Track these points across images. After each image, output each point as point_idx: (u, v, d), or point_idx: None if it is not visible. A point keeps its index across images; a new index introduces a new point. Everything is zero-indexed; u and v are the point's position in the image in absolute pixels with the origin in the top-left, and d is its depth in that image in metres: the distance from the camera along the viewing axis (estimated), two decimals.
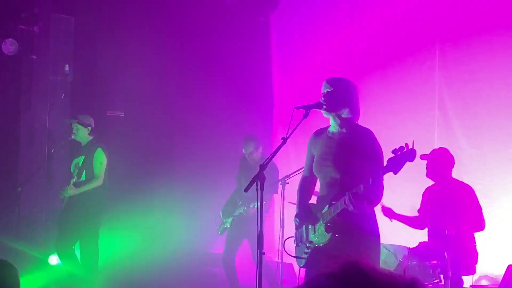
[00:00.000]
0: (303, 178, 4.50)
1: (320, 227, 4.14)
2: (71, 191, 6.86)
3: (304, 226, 4.31)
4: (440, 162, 5.81)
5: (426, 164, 5.86)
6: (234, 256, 7.23)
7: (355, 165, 4.07)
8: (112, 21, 8.86)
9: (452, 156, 5.84)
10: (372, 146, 4.13)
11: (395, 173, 3.76)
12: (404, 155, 3.70)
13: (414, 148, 3.69)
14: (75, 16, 8.53)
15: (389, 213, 5.94)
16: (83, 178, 6.96)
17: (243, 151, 7.33)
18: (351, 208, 3.90)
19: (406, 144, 3.71)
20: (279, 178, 6.92)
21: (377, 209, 4.24)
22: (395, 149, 3.73)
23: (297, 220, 4.35)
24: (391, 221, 5.94)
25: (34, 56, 8.17)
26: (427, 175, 5.87)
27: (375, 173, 3.83)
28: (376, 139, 4.16)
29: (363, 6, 8.18)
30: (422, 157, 5.84)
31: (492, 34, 6.77)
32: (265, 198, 6.61)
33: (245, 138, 7.35)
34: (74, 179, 6.88)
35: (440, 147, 6.04)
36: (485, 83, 6.82)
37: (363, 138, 4.15)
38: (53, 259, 7.75)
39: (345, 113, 4.20)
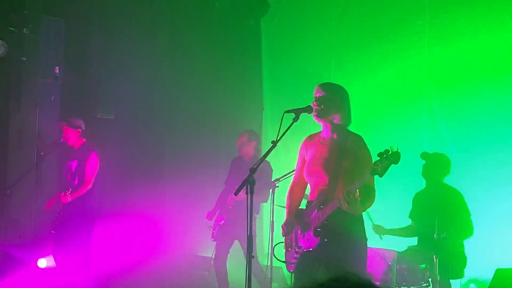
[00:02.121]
0: (293, 184, 4.52)
1: (309, 231, 4.15)
2: (68, 198, 6.83)
3: (293, 231, 4.32)
4: (438, 166, 5.85)
5: (424, 164, 5.91)
6: (226, 258, 7.24)
7: (344, 171, 4.09)
8: (103, 23, 8.85)
9: (450, 166, 5.89)
10: (362, 152, 4.15)
11: (381, 176, 3.78)
12: (388, 158, 3.71)
13: (399, 151, 3.71)
14: (65, 18, 8.51)
15: (379, 230, 6.00)
16: (76, 183, 6.94)
17: (237, 143, 7.38)
18: (345, 206, 3.91)
19: (391, 147, 3.73)
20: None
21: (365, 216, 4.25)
22: (381, 152, 3.75)
23: (284, 228, 4.36)
24: (381, 239, 6.01)
25: (24, 58, 8.13)
26: (422, 173, 5.93)
27: (362, 176, 3.85)
28: (365, 145, 4.19)
29: (353, 10, 8.20)
30: (423, 155, 5.90)
31: (481, 38, 6.81)
32: (262, 192, 6.65)
33: (244, 131, 7.43)
34: (70, 190, 6.85)
35: (442, 153, 6.06)
36: (474, 87, 6.85)
37: (353, 144, 4.17)
38: (42, 262, 7.72)
39: (336, 119, 4.21)
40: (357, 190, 3.91)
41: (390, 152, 3.72)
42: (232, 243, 7.25)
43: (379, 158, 3.76)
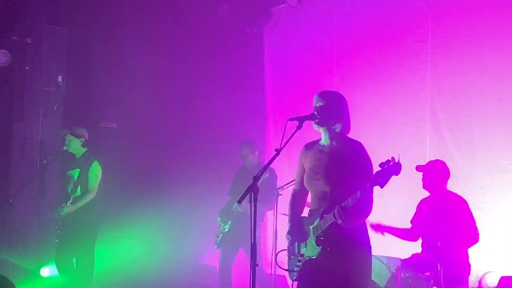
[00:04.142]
0: (294, 192, 4.51)
1: (311, 240, 4.15)
2: (68, 209, 6.84)
3: (297, 237, 4.31)
4: (435, 174, 5.85)
5: (422, 176, 5.90)
6: (231, 266, 7.22)
7: (345, 178, 4.07)
8: (105, 32, 8.88)
9: (448, 169, 5.90)
10: (362, 159, 4.14)
11: (381, 186, 3.77)
12: (389, 169, 3.71)
13: (400, 162, 3.70)
14: (68, 27, 8.55)
15: (378, 228, 5.97)
16: (78, 192, 6.92)
17: (239, 153, 7.38)
18: (340, 221, 3.92)
19: (393, 158, 3.72)
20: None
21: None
22: (382, 162, 3.75)
23: (289, 237, 4.35)
24: (384, 235, 5.97)
25: (27, 67, 8.18)
26: (423, 186, 5.92)
27: (363, 186, 3.85)
28: (366, 152, 4.18)
29: (355, 17, 8.21)
30: (418, 168, 5.89)
31: (484, 47, 6.81)
32: (267, 200, 6.63)
33: (241, 142, 7.43)
34: (70, 200, 6.85)
35: (436, 159, 6.07)
36: (477, 95, 6.84)
37: (354, 151, 4.16)
38: (45, 271, 7.72)
39: (337, 128, 4.21)
40: (351, 201, 3.90)
41: (391, 163, 3.72)
42: (237, 252, 7.23)
43: (380, 169, 3.76)
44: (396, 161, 3.70)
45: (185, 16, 9.33)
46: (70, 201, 6.84)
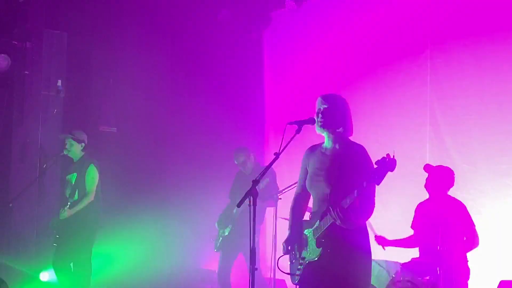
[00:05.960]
0: (296, 195, 4.50)
1: (312, 242, 4.15)
2: (66, 213, 6.83)
3: (296, 244, 4.31)
4: (441, 179, 5.83)
5: (428, 176, 5.88)
6: (230, 271, 7.21)
7: (346, 181, 4.08)
8: (105, 36, 8.88)
9: (454, 179, 5.86)
10: (364, 162, 4.14)
11: (378, 183, 3.81)
12: (385, 165, 3.74)
13: (395, 158, 3.73)
14: (67, 31, 8.55)
15: (382, 241, 5.98)
16: (76, 196, 6.92)
17: (235, 162, 7.38)
18: (338, 222, 3.92)
19: (387, 155, 3.76)
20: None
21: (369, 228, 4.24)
22: (377, 160, 3.77)
23: (285, 246, 4.34)
24: (385, 249, 5.98)
25: (26, 72, 8.17)
26: (425, 186, 5.89)
27: (360, 185, 3.86)
28: (368, 155, 4.19)
29: (354, 22, 8.22)
30: (426, 167, 5.86)
31: (483, 51, 6.82)
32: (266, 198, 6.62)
33: (235, 150, 7.43)
34: (69, 204, 6.85)
35: (446, 166, 6.01)
36: (477, 99, 6.85)
37: (356, 154, 4.17)
38: (44, 276, 7.71)
39: (340, 131, 4.22)
40: (348, 201, 3.91)
41: (386, 160, 3.74)
42: (236, 256, 7.22)
43: (376, 166, 3.78)
44: (391, 157, 3.74)
45: (184, 20, 9.34)
46: (68, 206, 6.84)
